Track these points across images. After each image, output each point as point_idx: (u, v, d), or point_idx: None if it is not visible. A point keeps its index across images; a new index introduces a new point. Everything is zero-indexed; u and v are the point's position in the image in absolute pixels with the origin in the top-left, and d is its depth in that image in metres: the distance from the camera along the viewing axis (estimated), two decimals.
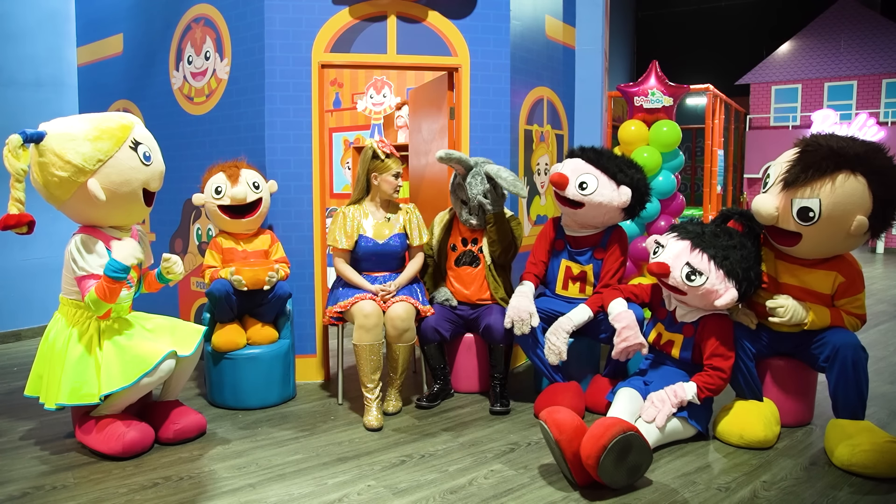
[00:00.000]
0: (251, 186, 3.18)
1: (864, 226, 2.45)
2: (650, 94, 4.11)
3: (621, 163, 3.08)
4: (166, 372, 2.60)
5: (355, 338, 2.93)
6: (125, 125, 2.60)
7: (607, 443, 2.17)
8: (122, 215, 2.66)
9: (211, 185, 3.21)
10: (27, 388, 2.70)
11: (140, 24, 4.08)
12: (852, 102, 11.83)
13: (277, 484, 2.38)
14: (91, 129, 2.51)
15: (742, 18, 14.26)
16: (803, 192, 2.48)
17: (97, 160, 2.48)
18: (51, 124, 2.52)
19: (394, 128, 5.80)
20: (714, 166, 6.55)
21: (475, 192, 3.06)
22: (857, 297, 2.71)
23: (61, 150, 2.44)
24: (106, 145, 2.51)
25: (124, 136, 2.57)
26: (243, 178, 3.18)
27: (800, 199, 2.50)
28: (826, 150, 2.46)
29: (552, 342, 2.96)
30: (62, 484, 2.38)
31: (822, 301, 2.71)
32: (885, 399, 3.29)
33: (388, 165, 3.12)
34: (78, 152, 2.45)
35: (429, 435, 2.84)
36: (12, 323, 4.51)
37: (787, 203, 2.54)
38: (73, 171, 2.45)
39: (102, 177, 2.50)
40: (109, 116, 2.61)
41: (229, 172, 3.18)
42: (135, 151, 2.59)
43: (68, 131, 2.48)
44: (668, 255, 2.69)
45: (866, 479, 2.40)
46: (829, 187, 2.43)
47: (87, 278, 2.53)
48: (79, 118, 2.58)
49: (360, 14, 3.45)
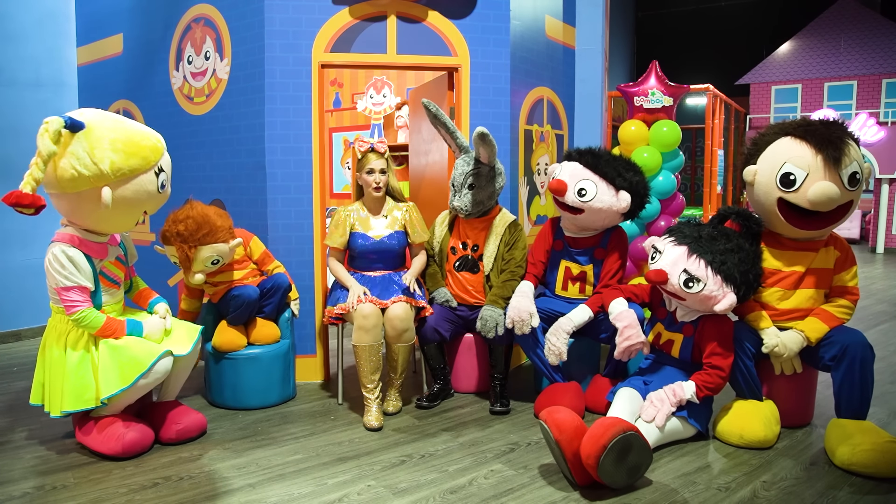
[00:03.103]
0: (209, 265, 3.01)
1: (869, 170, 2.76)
2: (650, 94, 4.11)
3: (620, 166, 3.06)
4: (163, 372, 2.60)
5: (354, 339, 2.93)
6: (158, 148, 2.61)
7: (607, 443, 2.17)
8: (112, 225, 2.63)
9: (167, 254, 3.07)
10: (32, 397, 2.70)
11: (140, 24, 4.08)
12: (852, 102, 11.83)
13: (277, 484, 2.38)
14: (128, 140, 2.49)
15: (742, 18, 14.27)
16: (844, 161, 2.64)
17: (122, 173, 2.47)
18: (90, 118, 2.48)
19: (394, 128, 5.80)
20: (714, 166, 6.55)
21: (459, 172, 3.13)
22: (852, 269, 2.82)
23: (93, 150, 2.42)
24: (136, 162, 2.50)
25: (155, 159, 2.58)
26: (198, 263, 2.96)
27: (845, 168, 2.65)
28: (816, 124, 2.72)
29: (552, 343, 2.96)
30: (62, 484, 2.38)
31: (826, 279, 2.80)
32: (886, 399, 3.29)
33: (363, 163, 3.13)
34: (109, 159, 2.43)
35: (429, 435, 2.84)
36: (12, 323, 4.51)
37: (837, 179, 2.65)
38: (95, 174, 2.42)
39: (118, 189, 2.48)
40: (147, 134, 2.59)
41: (181, 262, 2.97)
42: (157, 177, 2.60)
43: (106, 135, 2.45)
44: (666, 262, 2.69)
45: (867, 479, 2.40)
46: (849, 149, 2.66)
47: (67, 290, 2.50)
48: (120, 121, 2.55)
49: (360, 14, 3.45)
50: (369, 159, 3.12)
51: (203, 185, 3.73)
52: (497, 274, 3.18)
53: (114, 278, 2.70)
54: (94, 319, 2.54)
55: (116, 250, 2.74)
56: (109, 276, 2.68)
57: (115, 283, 2.72)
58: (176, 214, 2.99)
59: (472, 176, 3.11)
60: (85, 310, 2.52)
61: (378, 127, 5.80)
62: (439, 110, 3.13)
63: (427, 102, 3.13)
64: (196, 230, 2.92)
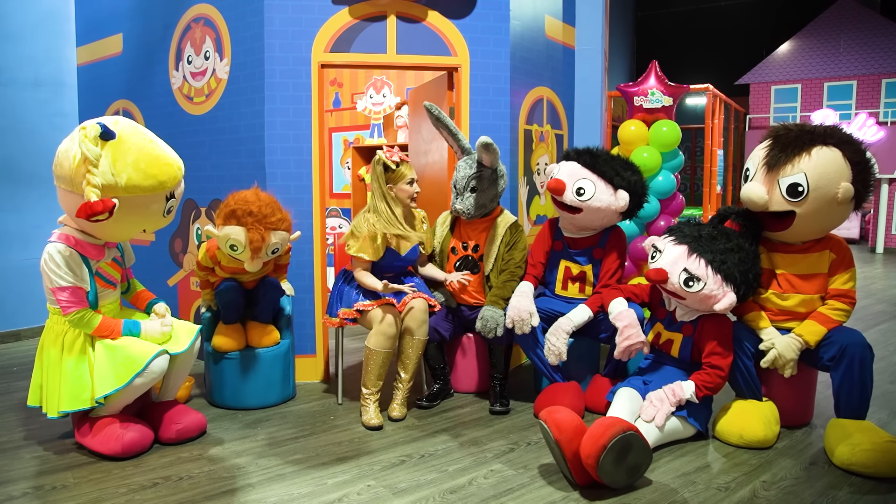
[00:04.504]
0: (268, 253, 2.95)
1: (850, 191, 2.60)
2: (650, 94, 4.11)
3: (618, 165, 3.06)
4: (158, 371, 2.59)
5: (373, 342, 2.89)
6: (175, 176, 2.59)
7: (607, 442, 2.17)
8: (108, 234, 2.62)
9: (227, 236, 2.87)
10: (29, 399, 2.69)
11: (140, 24, 4.08)
12: (852, 102, 11.84)
13: (277, 484, 2.38)
14: (151, 162, 2.48)
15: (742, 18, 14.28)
16: (786, 170, 2.63)
17: (133, 190, 2.46)
18: (122, 130, 2.48)
19: (393, 128, 5.80)
20: (714, 166, 6.55)
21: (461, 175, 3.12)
22: (849, 272, 2.76)
23: (115, 162, 2.41)
24: (150, 184, 2.49)
25: (171, 185, 2.57)
26: (264, 252, 2.90)
27: (785, 177, 2.63)
28: (797, 131, 2.68)
29: (552, 343, 2.96)
30: (62, 484, 2.38)
31: (820, 283, 2.76)
32: (886, 399, 3.29)
33: (398, 175, 3.01)
34: (127, 175, 2.43)
35: (428, 435, 2.84)
36: (12, 323, 4.51)
37: (773, 185, 2.66)
38: (109, 184, 2.41)
39: (125, 202, 2.45)
40: (171, 160, 2.58)
41: (254, 243, 2.84)
42: (166, 202, 2.60)
43: (133, 150, 2.45)
44: (666, 261, 2.69)
45: (866, 479, 2.40)
46: (809, 160, 2.60)
47: (62, 290, 2.49)
48: (148, 140, 2.54)
49: (360, 14, 3.45)
50: (404, 171, 3.01)
51: (203, 185, 3.73)
52: (497, 274, 3.18)
53: (110, 279, 2.70)
54: (91, 320, 2.54)
55: (113, 252, 2.74)
56: (105, 278, 2.68)
57: (112, 284, 2.72)
58: (243, 195, 2.89)
59: (475, 179, 3.11)
60: (80, 310, 2.52)
61: (378, 127, 5.80)
62: (441, 113, 3.12)
63: (429, 105, 3.13)
64: (270, 213, 2.87)
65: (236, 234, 2.85)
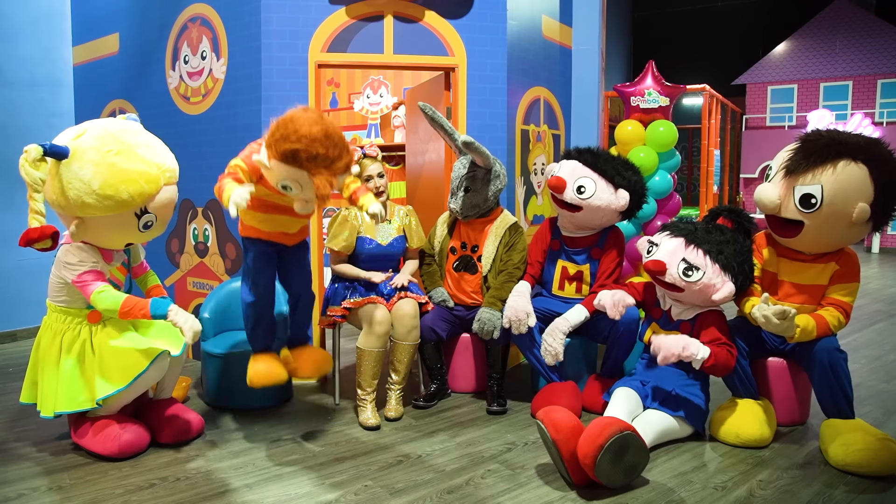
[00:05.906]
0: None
1: (865, 213, 2.47)
2: (647, 94, 4.11)
3: (618, 165, 3.08)
4: (160, 372, 2.59)
5: (363, 343, 2.90)
6: (143, 191, 2.44)
7: (604, 442, 2.17)
8: (98, 242, 2.61)
9: (283, 178, 2.30)
10: (22, 396, 2.69)
11: (136, 24, 4.07)
12: (848, 103, 11.87)
13: (274, 484, 2.37)
14: (109, 179, 2.37)
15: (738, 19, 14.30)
16: (805, 178, 2.53)
17: (88, 210, 2.41)
18: (85, 142, 2.40)
19: (390, 128, 5.80)
20: (710, 166, 6.57)
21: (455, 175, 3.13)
22: (849, 286, 2.66)
23: (69, 181, 2.36)
24: (107, 204, 2.40)
25: (136, 202, 2.45)
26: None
27: (802, 185, 2.54)
28: (827, 139, 2.54)
29: (549, 343, 2.96)
30: (58, 485, 2.37)
31: (817, 295, 2.71)
32: (881, 398, 3.30)
33: (363, 165, 3.04)
34: (78, 194, 2.36)
35: (426, 435, 2.84)
36: (8, 323, 4.50)
37: (788, 191, 2.58)
38: (62, 204, 2.40)
39: (89, 221, 2.44)
40: (134, 174, 2.42)
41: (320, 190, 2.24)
42: (137, 219, 2.52)
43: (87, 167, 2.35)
44: (664, 253, 2.70)
45: (862, 478, 2.41)
46: (831, 173, 2.47)
47: (82, 275, 2.49)
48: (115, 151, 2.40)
49: (357, 14, 3.44)
50: (365, 165, 3.04)
51: (199, 185, 3.72)
52: (495, 275, 3.18)
53: (115, 282, 2.70)
54: (115, 297, 2.49)
55: (121, 256, 2.75)
56: (111, 281, 2.68)
57: (116, 288, 2.71)
58: (308, 130, 2.20)
59: (468, 179, 3.11)
60: (104, 286, 2.50)
61: (375, 127, 5.80)
62: (436, 112, 3.12)
63: (423, 105, 3.12)
64: (338, 157, 2.26)
65: (298, 178, 2.28)
